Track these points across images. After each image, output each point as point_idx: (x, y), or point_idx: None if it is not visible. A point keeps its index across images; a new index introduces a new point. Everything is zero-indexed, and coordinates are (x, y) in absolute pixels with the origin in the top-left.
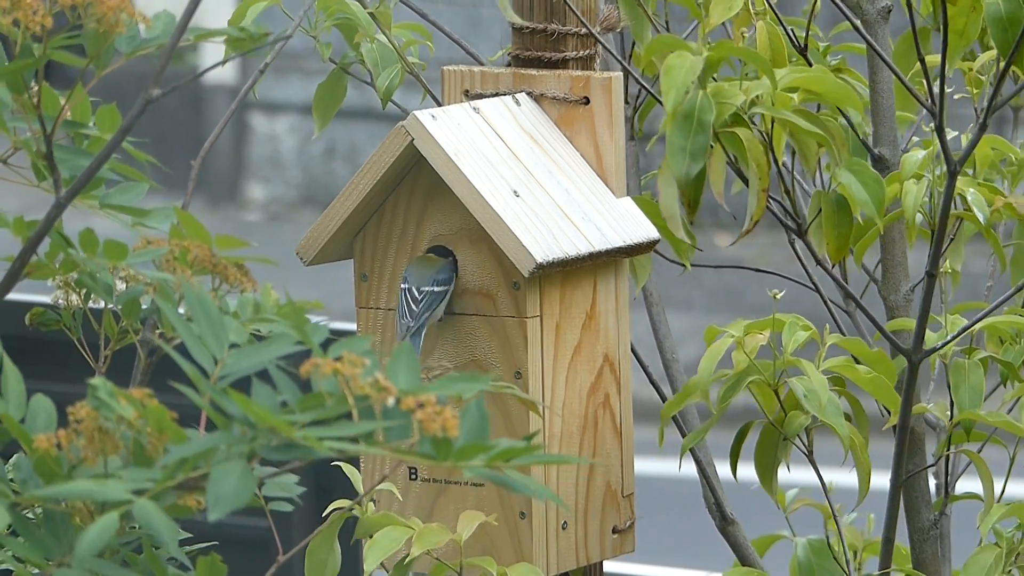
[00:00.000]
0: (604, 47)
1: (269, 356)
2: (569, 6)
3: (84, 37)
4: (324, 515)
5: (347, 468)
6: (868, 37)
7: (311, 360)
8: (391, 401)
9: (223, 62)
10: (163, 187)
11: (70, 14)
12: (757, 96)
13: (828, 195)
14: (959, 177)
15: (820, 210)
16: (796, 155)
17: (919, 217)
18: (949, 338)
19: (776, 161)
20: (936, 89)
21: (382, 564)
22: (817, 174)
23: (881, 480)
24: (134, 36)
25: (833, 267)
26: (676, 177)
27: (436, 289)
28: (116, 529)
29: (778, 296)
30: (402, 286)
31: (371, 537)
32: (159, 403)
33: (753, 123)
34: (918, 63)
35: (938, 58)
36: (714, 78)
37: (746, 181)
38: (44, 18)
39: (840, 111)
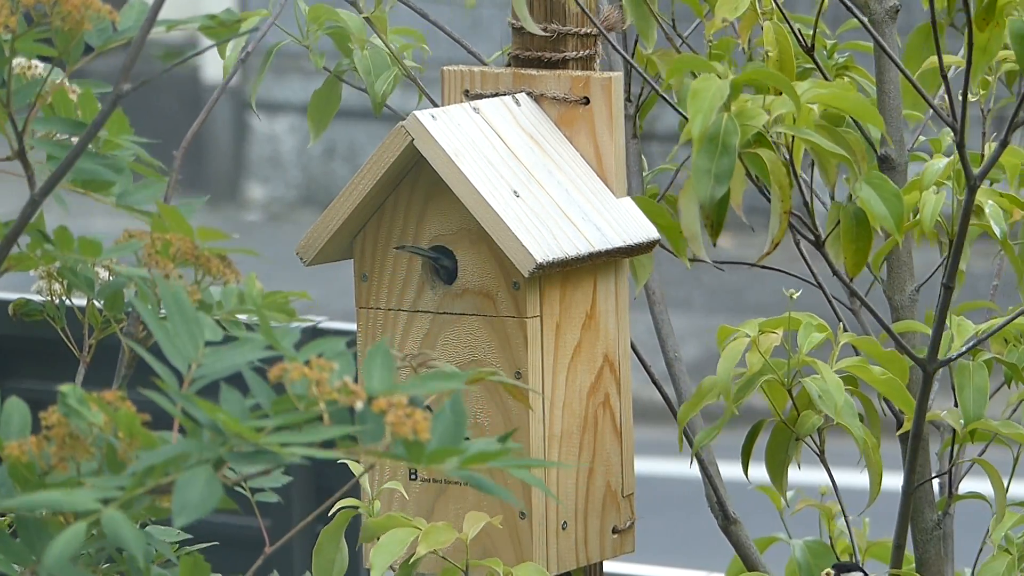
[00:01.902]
0: (614, 47)
1: (243, 358)
2: (583, 8)
3: (52, 34)
4: (330, 514)
5: (352, 466)
6: (878, 37)
7: (280, 364)
8: (359, 405)
9: (201, 52)
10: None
11: (34, 12)
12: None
13: (847, 208)
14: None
15: (838, 222)
16: (814, 167)
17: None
18: (964, 348)
19: (795, 174)
20: (949, 97)
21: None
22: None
23: (885, 481)
24: (105, 29)
25: (852, 280)
26: (701, 200)
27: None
28: (83, 540)
29: (794, 296)
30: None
31: (376, 540)
32: (131, 405)
33: (773, 140)
34: (926, 61)
35: (951, 57)
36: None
37: (767, 198)
38: (9, 18)
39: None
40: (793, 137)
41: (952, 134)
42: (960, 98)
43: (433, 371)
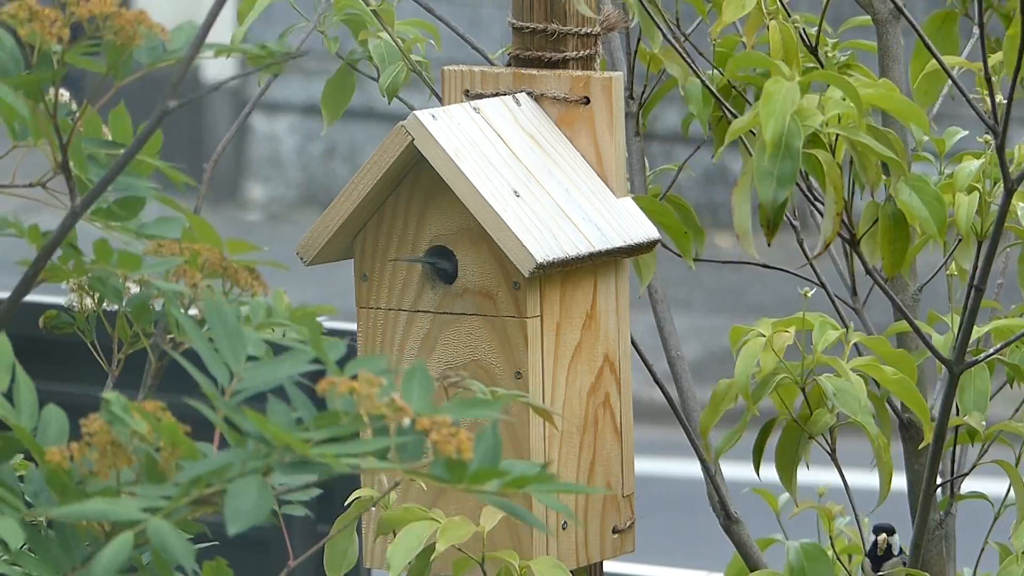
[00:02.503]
0: (674, 46)
1: (286, 372)
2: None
3: (103, 48)
4: (345, 504)
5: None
6: (916, 26)
7: (327, 379)
8: (407, 422)
9: (242, 76)
10: (162, 188)
11: (87, 26)
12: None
13: (885, 208)
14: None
15: (874, 221)
16: (853, 165)
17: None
18: (993, 350)
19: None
20: (992, 101)
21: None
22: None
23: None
24: (156, 48)
25: (887, 281)
26: (764, 202)
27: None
28: (131, 549)
29: (809, 294)
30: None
31: (392, 535)
32: (172, 416)
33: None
34: (931, 60)
35: (956, 59)
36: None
37: (811, 199)
38: (61, 29)
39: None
40: (837, 136)
41: (958, 135)
42: (1003, 102)
43: (469, 395)
